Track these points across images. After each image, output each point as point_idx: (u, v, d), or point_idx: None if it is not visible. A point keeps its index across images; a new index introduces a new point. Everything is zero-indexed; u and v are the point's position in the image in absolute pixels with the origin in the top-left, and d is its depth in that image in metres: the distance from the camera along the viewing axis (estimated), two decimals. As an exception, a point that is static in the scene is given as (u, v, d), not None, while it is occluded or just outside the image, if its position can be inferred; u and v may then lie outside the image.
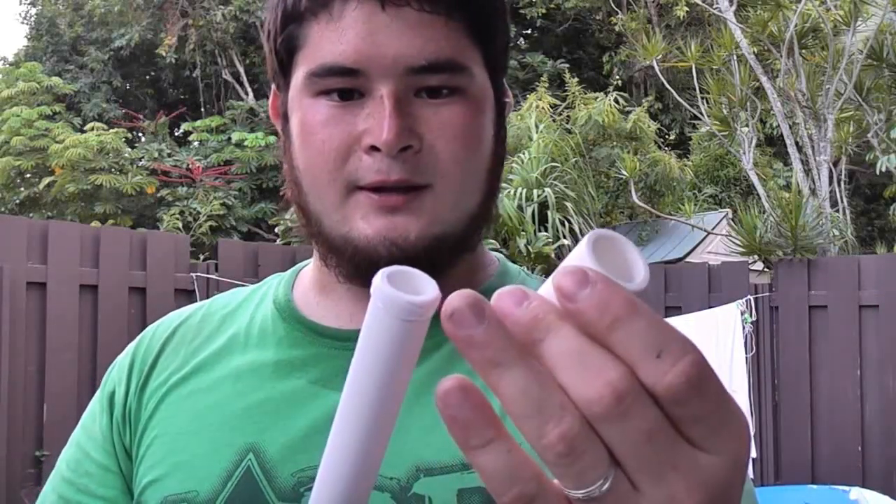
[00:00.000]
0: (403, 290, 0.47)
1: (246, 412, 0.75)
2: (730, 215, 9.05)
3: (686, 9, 12.75)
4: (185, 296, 4.71)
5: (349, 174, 0.71)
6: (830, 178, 7.04)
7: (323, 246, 0.75)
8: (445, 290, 0.76)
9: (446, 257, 0.73)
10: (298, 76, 0.73)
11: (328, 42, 0.70)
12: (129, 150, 11.95)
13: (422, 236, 0.70)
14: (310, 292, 0.82)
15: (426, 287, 0.48)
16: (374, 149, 0.69)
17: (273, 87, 0.80)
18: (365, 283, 0.76)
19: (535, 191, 6.86)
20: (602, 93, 10.21)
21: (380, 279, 0.47)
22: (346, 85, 0.70)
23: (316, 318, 0.79)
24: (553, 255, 6.06)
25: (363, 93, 0.71)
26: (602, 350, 0.31)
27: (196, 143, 13.80)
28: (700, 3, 8.71)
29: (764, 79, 7.05)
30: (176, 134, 15.26)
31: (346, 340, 0.75)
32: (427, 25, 0.69)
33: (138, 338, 0.86)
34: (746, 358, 4.87)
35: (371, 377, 0.49)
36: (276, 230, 8.34)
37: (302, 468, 0.71)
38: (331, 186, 0.71)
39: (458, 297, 0.32)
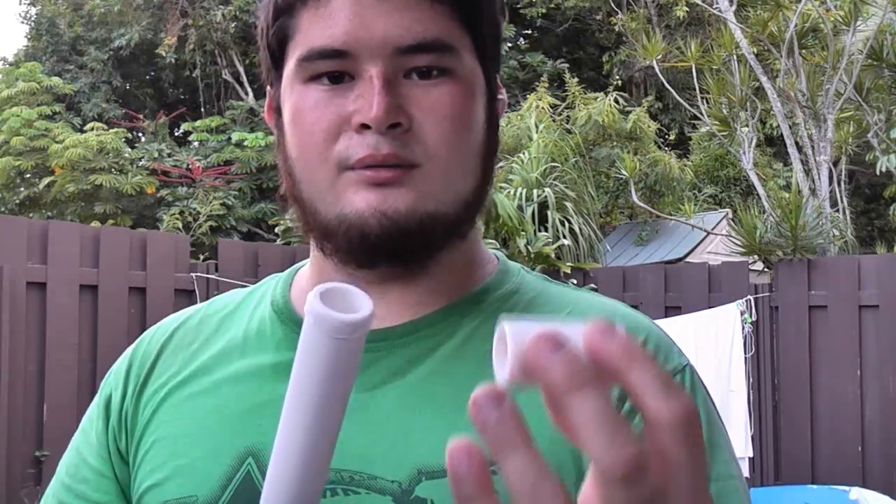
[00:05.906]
0: (339, 307, 0.48)
1: (246, 415, 0.75)
2: (730, 215, 9.04)
3: (686, 9, 12.74)
4: (185, 296, 4.71)
5: (339, 153, 0.71)
6: (830, 178, 7.04)
7: (318, 233, 0.75)
8: (442, 285, 0.78)
9: (439, 237, 0.73)
10: (290, 65, 0.74)
11: (317, 27, 0.71)
12: (129, 150, 11.94)
13: (412, 210, 0.70)
14: (307, 293, 0.81)
15: (361, 305, 0.48)
16: (364, 127, 0.70)
17: (268, 88, 0.80)
18: (361, 264, 0.74)
19: (535, 191, 6.86)
20: (602, 93, 10.20)
21: (313, 296, 0.48)
22: (335, 68, 0.71)
23: None
24: (553, 255, 6.06)
25: (353, 76, 0.71)
26: (625, 420, 0.36)
27: (196, 143, 13.80)
28: (700, 3, 8.70)
29: (764, 79, 7.05)
30: (176, 134, 15.25)
31: None
32: (414, 7, 0.71)
33: (135, 342, 0.86)
34: (746, 358, 4.86)
35: (305, 395, 0.50)
36: (276, 230, 8.33)
37: None
38: (322, 167, 0.72)
39: (480, 390, 0.36)
